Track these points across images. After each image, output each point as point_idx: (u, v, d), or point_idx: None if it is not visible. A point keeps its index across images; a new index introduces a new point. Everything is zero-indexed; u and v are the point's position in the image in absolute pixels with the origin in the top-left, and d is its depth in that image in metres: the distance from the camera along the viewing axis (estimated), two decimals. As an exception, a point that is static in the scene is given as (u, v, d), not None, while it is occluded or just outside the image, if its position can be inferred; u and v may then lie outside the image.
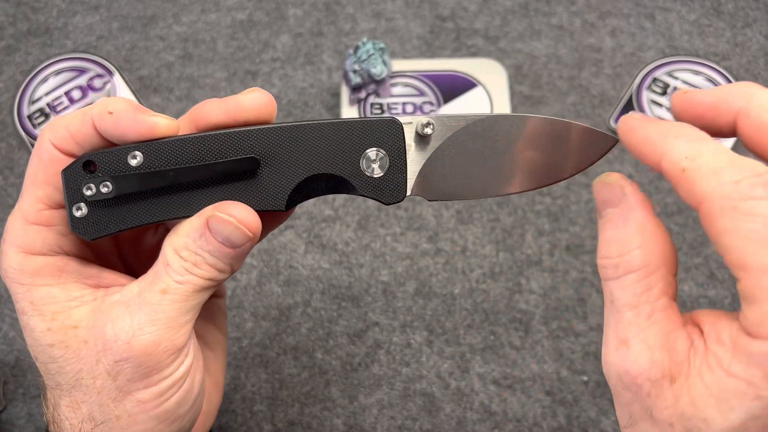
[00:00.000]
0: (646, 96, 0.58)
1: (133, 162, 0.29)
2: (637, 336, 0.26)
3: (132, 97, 0.58)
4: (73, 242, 0.31)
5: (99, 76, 0.59)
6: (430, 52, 0.60)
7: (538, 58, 0.60)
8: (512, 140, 0.32)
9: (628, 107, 0.57)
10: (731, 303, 0.51)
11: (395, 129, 0.31)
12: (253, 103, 0.30)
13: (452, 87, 0.57)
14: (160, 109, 0.58)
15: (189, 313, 0.30)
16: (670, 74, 0.59)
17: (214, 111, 0.30)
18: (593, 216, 0.54)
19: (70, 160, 0.30)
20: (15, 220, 0.30)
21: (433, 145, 0.32)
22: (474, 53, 0.60)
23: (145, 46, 0.61)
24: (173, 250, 0.29)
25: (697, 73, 0.58)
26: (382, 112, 0.56)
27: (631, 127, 0.28)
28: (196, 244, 0.29)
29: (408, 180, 0.32)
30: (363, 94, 0.56)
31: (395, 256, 0.53)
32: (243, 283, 0.52)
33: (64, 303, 0.30)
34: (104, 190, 0.29)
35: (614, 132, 0.56)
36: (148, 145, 0.29)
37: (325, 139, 0.31)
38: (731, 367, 0.23)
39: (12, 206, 0.55)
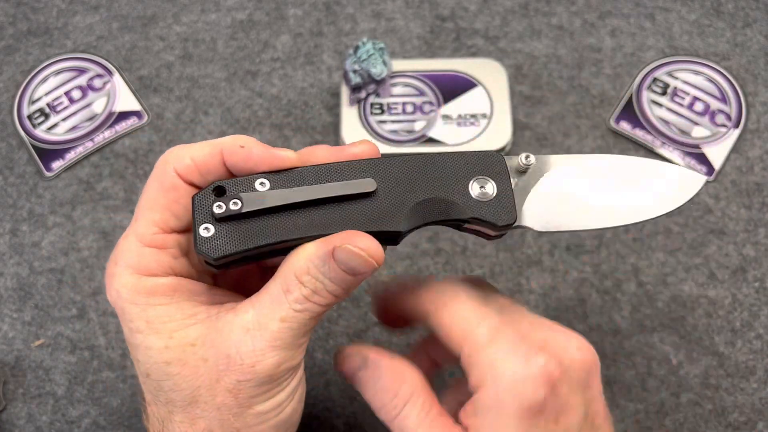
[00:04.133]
0: (646, 96, 0.58)
1: (261, 188, 0.31)
2: None
3: (132, 97, 0.58)
4: (183, 265, 0.32)
5: (99, 76, 0.59)
6: (430, 52, 0.60)
7: (538, 58, 0.60)
8: (609, 177, 0.34)
9: (628, 107, 0.57)
10: (731, 303, 0.51)
11: (498, 160, 0.34)
12: (362, 153, 0.33)
13: (452, 87, 0.57)
14: (160, 109, 0.58)
15: (306, 335, 0.31)
16: (670, 74, 0.59)
17: (325, 157, 0.32)
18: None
19: (190, 189, 0.32)
20: (129, 243, 0.31)
21: (535, 178, 0.34)
22: (474, 53, 0.60)
23: (145, 46, 0.61)
24: (294, 275, 0.30)
25: (697, 73, 0.59)
26: (382, 112, 0.56)
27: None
28: (318, 270, 0.30)
29: (516, 206, 0.33)
30: (363, 94, 0.56)
31: (395, 256, 0.53)
32: (243, 283, 0.52)
33: (180, 321, 0.31)
34: (233, 207, 0.30)
35: (616, 132, 0.56)
36: (273, 173, 0.31)
37: (435, 166, 0.33)
38: None
39: (12, 206, 0.55)
